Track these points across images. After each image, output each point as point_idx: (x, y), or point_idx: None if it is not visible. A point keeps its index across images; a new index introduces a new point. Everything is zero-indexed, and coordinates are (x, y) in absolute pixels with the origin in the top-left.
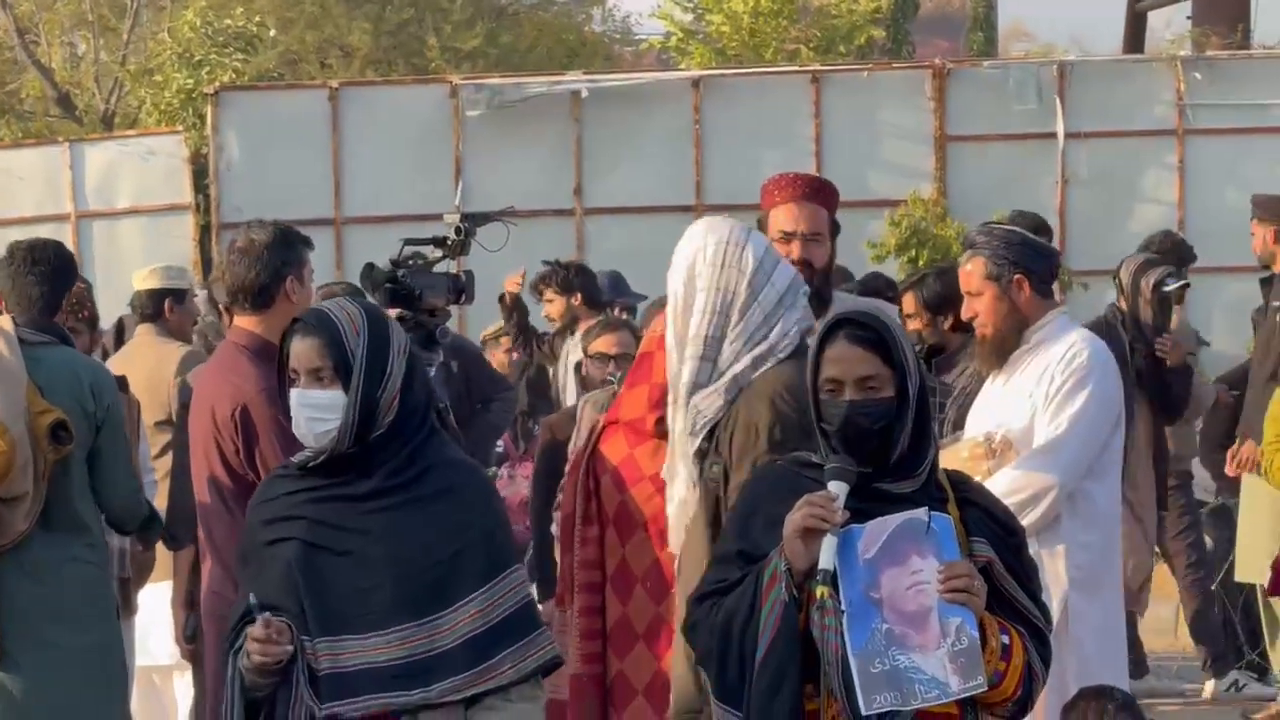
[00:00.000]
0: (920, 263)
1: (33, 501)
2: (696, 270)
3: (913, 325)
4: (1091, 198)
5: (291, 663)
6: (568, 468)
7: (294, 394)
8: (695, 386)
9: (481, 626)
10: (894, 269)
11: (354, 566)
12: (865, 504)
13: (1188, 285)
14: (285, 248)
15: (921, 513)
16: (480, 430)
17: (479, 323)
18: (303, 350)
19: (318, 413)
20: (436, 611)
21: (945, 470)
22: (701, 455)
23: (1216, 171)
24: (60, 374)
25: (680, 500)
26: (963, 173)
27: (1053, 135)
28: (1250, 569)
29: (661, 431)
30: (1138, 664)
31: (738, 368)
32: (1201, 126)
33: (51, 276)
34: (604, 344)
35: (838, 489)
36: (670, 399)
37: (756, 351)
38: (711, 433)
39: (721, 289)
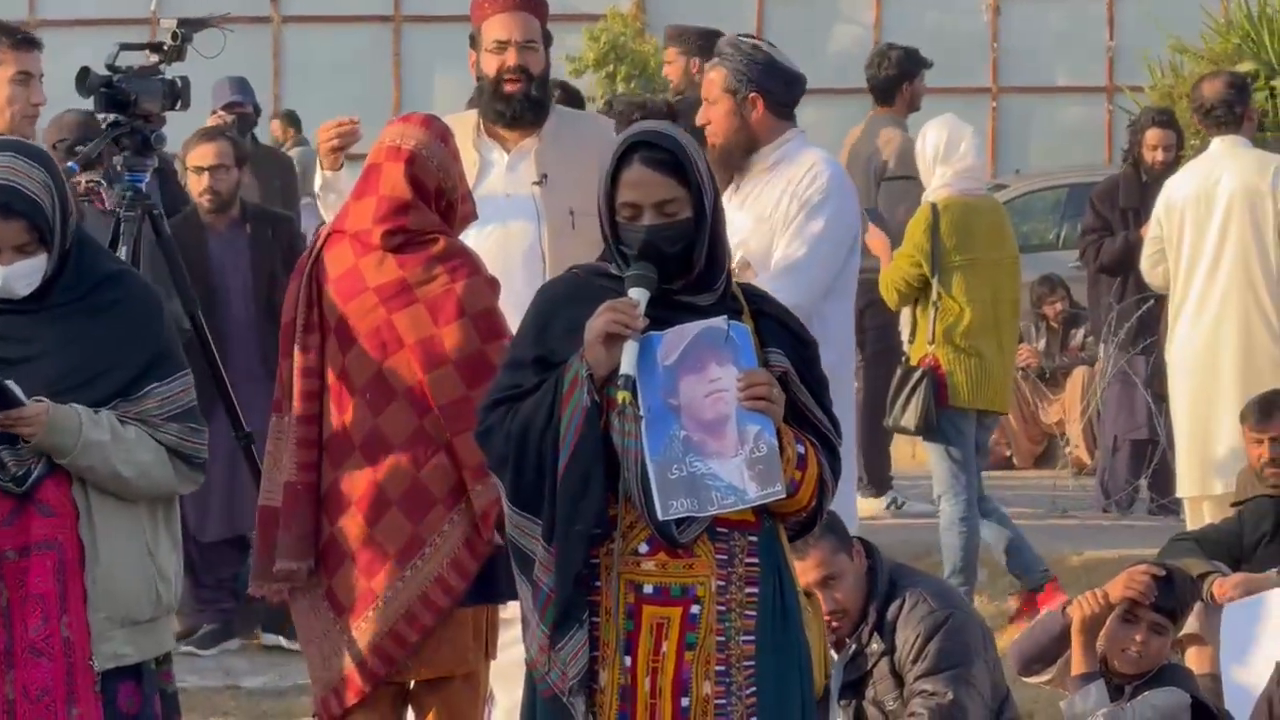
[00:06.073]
0: (618, 79)
1: None
2: None
3: None
4: (790, 16)
5: None
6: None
7: None
8: None
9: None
10: (591, 84)
11: (25, 377)
12: (664, 313)
13: None
14: None
15: (720, 321)
16: None
17: None
18: (7, 232)
19: (27, 278)
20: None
21: (739, 283)
22: None
23: None
24: None
25: None
26: None
27: None
28: None
29: (389, 245)
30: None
31: None
32: None
33: None
34: (198, 156)
35: (639, 295)
36: None
37: None
38: None
39: None
